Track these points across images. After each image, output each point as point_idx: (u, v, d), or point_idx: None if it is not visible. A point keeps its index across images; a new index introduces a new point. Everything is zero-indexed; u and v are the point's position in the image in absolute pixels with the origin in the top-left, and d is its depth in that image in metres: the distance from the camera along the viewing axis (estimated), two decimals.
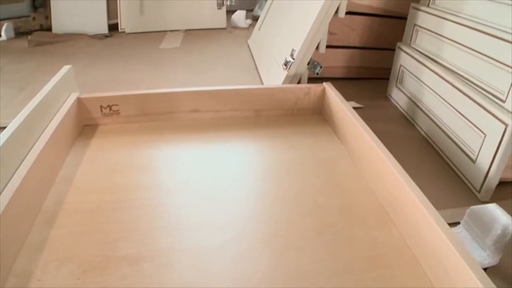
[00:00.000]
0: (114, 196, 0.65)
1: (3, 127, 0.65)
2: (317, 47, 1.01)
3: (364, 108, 1.11)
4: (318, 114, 0.92)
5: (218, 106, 0.88)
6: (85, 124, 0.86)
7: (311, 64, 1.02)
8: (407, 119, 1.06)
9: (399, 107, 1.13)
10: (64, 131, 0.76)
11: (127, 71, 1.37)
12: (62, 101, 0.81)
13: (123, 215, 0.60)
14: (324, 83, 0.90)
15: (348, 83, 1.30)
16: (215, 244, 0.55)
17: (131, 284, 0.49)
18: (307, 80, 1.05)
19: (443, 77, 0.89)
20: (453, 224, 0.66)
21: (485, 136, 0.75)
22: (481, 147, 0.77)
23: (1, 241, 0.48)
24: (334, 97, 0.85)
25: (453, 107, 0.85)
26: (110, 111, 0.86)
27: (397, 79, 1.13)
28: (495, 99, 0.75)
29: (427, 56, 1.00)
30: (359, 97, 1.18)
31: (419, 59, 1.00)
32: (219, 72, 1.36)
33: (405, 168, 0.60)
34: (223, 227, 0.58)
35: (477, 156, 0.78)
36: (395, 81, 1.15)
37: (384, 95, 1.22)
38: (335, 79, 1.28)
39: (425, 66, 0.97)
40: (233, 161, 0.75)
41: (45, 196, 0.64)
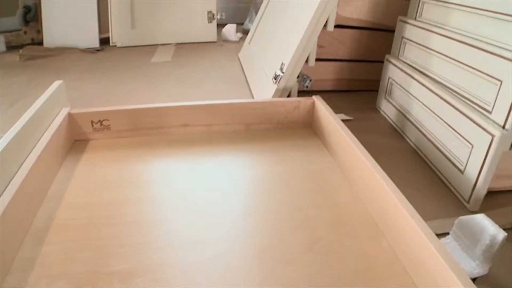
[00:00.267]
0: (105, 211, 0.64)
1: None
2: (306, 60, 1.02)
3: (353, 120, 1.12)
4: (308, 127, 0.93)
5: (208, 120, 0.89)
6: (76, 139, 0.86)
7: (301, 77, 1.03)
8: (397, 131, 1.07)
9: (388, 119, 1.14)
10: (54, 146, 0.76)
11: (118, 85, 1.37)
12: (53, 116, 0.82)
13: (114, 231, 0.60)
14: (313, 96, 0.91)
15: (338, 95, 1.31)
16: (207, 258, 0.55)
17: None
18: (297, 93, 1.06)
19: (430, 89, 0.90)
20: (443, 235, 0.67)
21: (472, 147, 0.76)
22: (469, 158, 0.78)
23: None
24: (324, 110, 0.86)
25: (441, 118, 0.86)
26: (101, 126, 0.86)
27: (386, 91, 1.15)
28: (481, 110, 0.76)
29: (415, 68, 1.01)
30: (348, 109, 1.19)
31: (407, 71, 1.01)
32: (210, 86, 1.37)
33: (394, 180, 0.61)
34: (215, 241, 0.59)
35: (465, 167, 0.79)
36: (384, 93, 1.16)
37: (373, 107, 1.23)
38: (325, 91, 1.30)
39: (413, 78, 0.98)
40: (224, 175, 0.75)
41: (36, 213, 0.63)
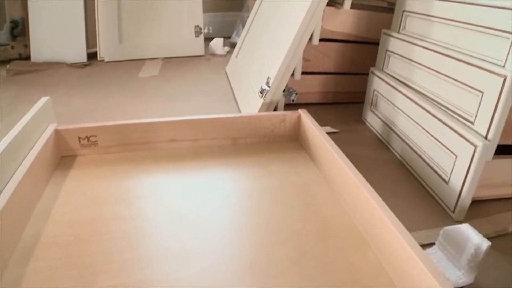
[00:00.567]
0: (92, 228, 0.64)
1: None
2: (292, 74, 1.03)
3: (340, 133, 1.13)
4: (295, 141, 0.94)
5: (195, 135, 0.89)
6: (63, 155, 0.86)
7: (287, 91, 1.04)
8: (382, 142, 1.09)
9: (374, 130, 1.15)
10: (41, 163, 0.75)
11: (105, 100, 1.37)
12: (40, 133, 0.82)
13: (102, 247, 0.60)
14: (299, 110, 0.92)
15: (324, 108, 1.32)
16: (195, 273, 0.56)
17: None
18: (283, 106, 1.07)
19: (414, 101, 0.92)
20: (429, 245, 0.68)
21: (456, 158, 0.78)
22: (453, 168, 0.79)
23: None
24: (309, 124, 0.86)
25: (425, 129, 0.88)
26: (88, 142, 0.86)
27: (371, 103, 1.16)
28: (464, 121, 0.78)
29: (399, 80, 1.03)
30: (335, 121, 1.20)
31: (392, 83, 1.03)
32: (197, 100, 1.37)
33: (381, 191, 0.61)
34: (203, 255, 0.59)
35: (449, 177, 0.80)
36: (369, 105, 1.17)
37: (359, 119, 1.24)
38: (311, 104, 1.31)
39: (397, 90, 0.99)
40: (211, 189, 0.75)
41: (23, 229, 0.63)
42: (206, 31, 2.02)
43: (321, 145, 0.80)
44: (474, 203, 0.79)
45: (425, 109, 0.87)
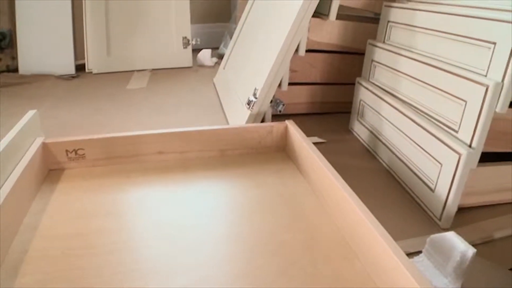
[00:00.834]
0: (80, 242, 0.64)
1: None
2: (279, 85, 1.04)
3: (327, 143, 1.14)
4: (282, 152, 0.95)
5: (183, 148, 0.90)
6: (50, 168, 0.86)
7: (274, 102, 1.05)
8: (369, 152, 1.09)
9: (361, 140, 1.16)
10: (29, 177, 0.75)
11: (93, 113, 1.37)
12: (27, 146, 0.81)
13: (90, 261, 0.60)
14: (286, 121, 0.93)
15: (312, 118, 1.33)
16: (185, 285, 0.56)
17: None
18: (271, 117, 1.08)
19: (400, 110, 0.93)
20: (417, 253, 0.68)
21: (441, 166, 0.78)
22: (438, 177, 0.80)
23: None
24: (296, 135, 0.87)
25: (410, 138, 0.89)
26: (76, 155, 0.86)
27: (358, 113, 1.17)
28: (448, 130, 0.79)
29: (384, 90, 1.04)
30: (322, 131, 1.21)
31: (377, 93, 1.04)
32: (185, 112, 1.37)
33: (368, 200, 0.62)
34: (191, 268, 0.59)
35: (435, 185, 0.81)
36: (356, 115, 1.18)
37: (346, 128, 1.25)
38: (298, 115, 1.32)
39: (383, 100, 1.01)
40: (199, 201, 0.75)
41: (10, 244, 0.63)
42: (194, 42, 2.03)
43: (308, 155, 0.81)
44: (460, 210, 0.80)
45: (410, 118, 0.89)
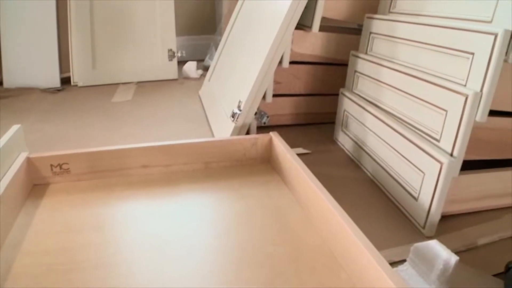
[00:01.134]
0: (66, 257, 0.64)
1: None
2: (264, 97, 1.05)
3: (312, 153, 1.15)
4: (267, 163, 0.95)
5: (168, 161, 0.90)
6: (35, 183, 0.85)
7: (258, 114, 1.05)
8: (354, 162, 1.10)
9: (345, 150, 1.17)
10: (13, 192, 0.74)
11: (79, 126, 1.36)
12: (11, 162, 0.81)
13: (75, 277, 0.59)
14: (270, 133, 0.93)
15: (297, 129, 1.34)
16: None
17: None
18: (256, 129, 1.08)
19: (383, 120, 0.94)
20: (401, 262, 0.69)
21: (424, 175, 0.80)
22: (421, 185, 0.81)
23: None
24: (280, 146, 0.88)
25: (394, 148, 0.90)
26: (61, 169, 0.86)
27: (342, 123, 1.18)
28: (430, 139, 0.80)
29: (368, 100, 1.05)
30: (307, 142, 1.21)
31: (361, 103, 1.05)
32: (171, 125, 1.37)
33: (353, 210, 0.62)
34: (179, 281, 0.59)
35: (418, 194, 0.82)
36: (340, 126, 1.19)
37: (331, 139, 1.26)
38: (283, 126, 1.32)
39: (367, 110, 1.02)
40: (184, 215, 0.75)
41: None
42: (179, 54, 2.03)
43: (292, 167, 0.81)
44: (444, 218, 0.81)
45: (393, 128, 0.90)
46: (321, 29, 1.19)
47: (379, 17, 1.03)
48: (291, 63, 1.21)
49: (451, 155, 0.75)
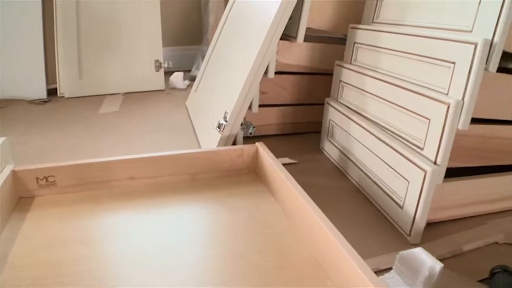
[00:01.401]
0: (52, 271, 0.63)
1: None
2: (250, 107, 1.05)
3: (298, 163, 1.15)
4: (253, 174, 0.95)
5: (154, 172, 0.90)
6: (20, 196, 0.85)
7: (244, 124, 1.06)
8: (340, 171, 1.11)
9: (331, 159, 1.18)
10: None
11: (65, 138, 1.35)
12: None
13: None
14: (256, 143, 0.94)
15: (283, 139, 1.35)
16: None
17: None
18: (242, 139, 1.09)
19: (367, 129, 0.95)
20: (388, 270, 0.69)
21: (408, 183, 0.80)
22: (406, 193, 0.81)
23: None
24: (266, 157, 0.88)
25: (378, 157, 0.91)
26: (47, 182, 0.85)
27: (328, 132, 1.19)
28: (414, 148, 0.81)
29: (352, 110, 1.06)
30: (293, 152, 1.22)
31: (346, 113, 1.06)
32: (157, 136, 1.37)
33: (339, 219, 0.63)
34: None
35: (403, 202, 0.82)
36: (326, 135, 1.20)
37: (317, 148, 1.27)
38: (270, 136, 1.33)
39: (351, 119, 1.03)
40: (171, 227, 0.75)
41: None
42: (166, 65, 2.04)
43: (278, 177, 0.82)
44: (429, 225, 0.82)
45: (377, 137, 0.91)
46: (306, 39, 1.20)
47: (363, 27, 1.04)
48: (277, 73, 1.22)
49: (435, 163, 0.76)
